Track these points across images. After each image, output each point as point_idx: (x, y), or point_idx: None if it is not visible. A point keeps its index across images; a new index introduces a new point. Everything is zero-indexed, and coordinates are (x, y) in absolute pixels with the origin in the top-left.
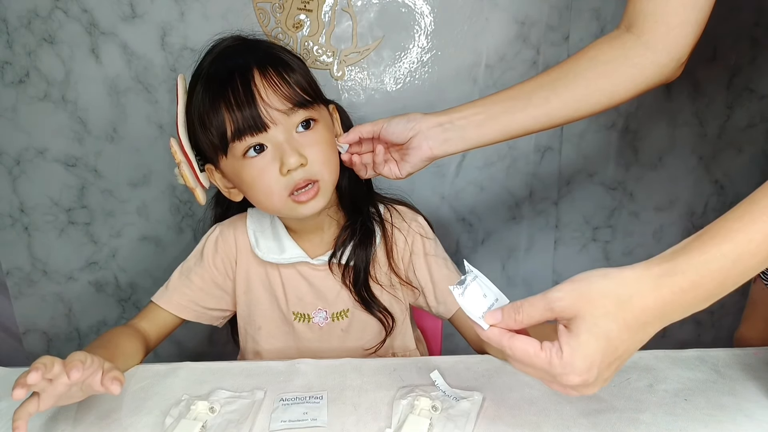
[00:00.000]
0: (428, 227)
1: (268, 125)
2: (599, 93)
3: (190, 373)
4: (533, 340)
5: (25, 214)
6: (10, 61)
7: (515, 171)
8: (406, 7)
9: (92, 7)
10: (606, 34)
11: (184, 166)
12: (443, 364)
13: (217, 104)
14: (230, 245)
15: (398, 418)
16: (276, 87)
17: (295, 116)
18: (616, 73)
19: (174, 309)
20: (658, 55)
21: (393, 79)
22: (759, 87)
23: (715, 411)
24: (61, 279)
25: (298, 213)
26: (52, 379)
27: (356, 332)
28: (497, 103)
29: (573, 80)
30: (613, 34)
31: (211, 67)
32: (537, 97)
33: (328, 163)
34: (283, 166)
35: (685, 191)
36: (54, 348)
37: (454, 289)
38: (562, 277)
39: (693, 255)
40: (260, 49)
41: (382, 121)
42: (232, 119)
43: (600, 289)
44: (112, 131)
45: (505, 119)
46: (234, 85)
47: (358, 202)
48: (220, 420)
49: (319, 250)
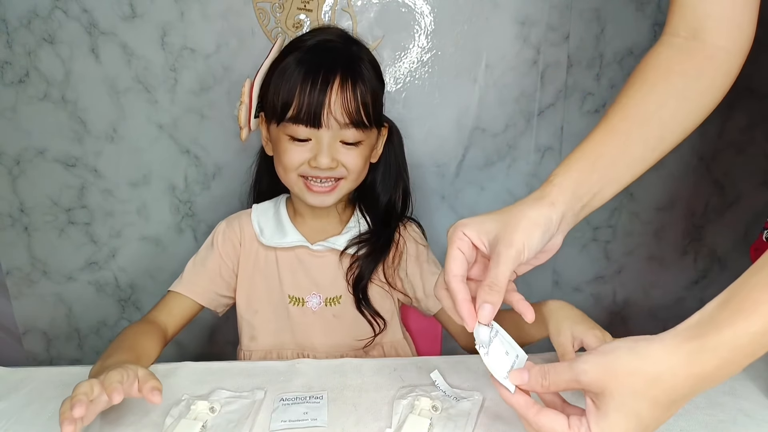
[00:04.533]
0: (422, 233)
1: (322, 125)
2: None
3: (190, 373)
4: (561, 416)
5: (25, 214)
6: (10, 61)
7: (515, 171)
8: (406, 7)
9: (92, 7)
10: (606, 34)
11: (244, 107)
12: (443, 364)
13: (295, 85)
14: (236, 234)
15: (398, 418)
16: (345, 99)
17: (346, 131)
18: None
19: (192, 294)
20: (729, 59)
21: (393, 79)
22: (759, 87)
23: (714, 411)
24: (61, 279)
25: (305, 197)
26: (92, 400)
27: (348, 319)
28: (600, 171)
29: (652, 118)
30: (672, 44)
31: (308, 49)
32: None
33: (356, 172)
34: (314, 160)
35: (685, 191)
36: (54, 348)
37: (480, 349)
38: (562, 278)
39: (723, 331)
40: (354, 55)
41: (508, 253)
42: (298, 105)
43: (628, 364)
44: (112, 131)
45: (619, 181)
46: (315, 80)
47: (391, 217)
48: (220, 420)
49: (319, 236)
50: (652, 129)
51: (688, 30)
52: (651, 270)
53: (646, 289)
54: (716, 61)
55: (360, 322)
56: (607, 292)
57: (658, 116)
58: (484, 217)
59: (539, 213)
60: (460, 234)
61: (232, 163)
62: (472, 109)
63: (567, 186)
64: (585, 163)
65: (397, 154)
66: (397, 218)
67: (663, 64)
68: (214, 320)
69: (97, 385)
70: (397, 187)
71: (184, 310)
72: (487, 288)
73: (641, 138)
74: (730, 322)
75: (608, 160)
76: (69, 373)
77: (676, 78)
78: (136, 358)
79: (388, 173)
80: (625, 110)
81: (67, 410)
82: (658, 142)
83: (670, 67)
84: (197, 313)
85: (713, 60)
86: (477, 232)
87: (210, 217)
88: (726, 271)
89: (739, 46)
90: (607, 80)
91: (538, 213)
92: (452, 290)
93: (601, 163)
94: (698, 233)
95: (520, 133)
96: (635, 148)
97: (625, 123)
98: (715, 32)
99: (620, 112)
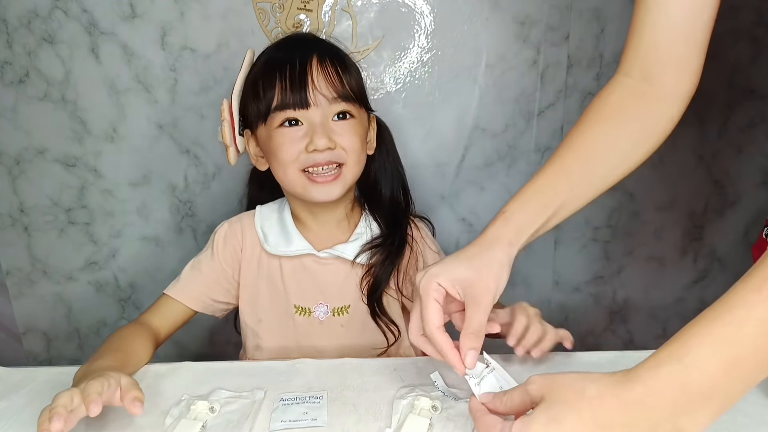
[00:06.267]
0: (432, 235)
1: (310, 104)
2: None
3: (190, 373)
4: (497, 418)
5: (24, 214)
6: (10, 61)
7: (515, 171)
8: (406, 7)
9: (92, 7)
10: (606, 34)
11: (227, 125)
12: (443, 364)
13: (273, 76)
14: (237, 239)
15: (398, 418)
16: (327, 76)
17: (335, 105)
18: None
19: (186, 300)
20: (675, 104)
21: (393, 79)
22: (759, 87)
23: None
24: (61, 279)
25: (310, 193)
26: (72, 410)
27: (355, 329)
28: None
29: (596, 157)
30: (625, 85)
31: (277, 48)
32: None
33: (355, 152)
34: (311, 143)
35: (685, 191)
36: (54, 348)
37: (470, 379)
38: (562, 278)
39: (647, 362)
40: (327, 45)
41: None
42: (281, 92)
43: (567, 378)
44: (112, 131)
45: (563, 216)
46: (293, 64)
47: (397, 214)
48: (220, 420)
49: (326, 243)
50: (599, 170)
51: (641, 72)
52: (651, 270)
53: (646, 289)
54: (664, 104)
55: (369, 332)
56: (607, 292)
57: (607, 159)
58: (453, 263)
59: (504, 254)
60: (435, 285)
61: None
62: (472, 109)
63: (521, 224)
64: (538, 202)
65: (390, 149)
66: (404, 214)
67: (615, 106)
68: (214, 320)
69: (77, 395)
70: (396, 181)
71: (177, 315)
72: (473, 336)
73: (588, 178)
74: (654, 356)
75: (559, 200)
76: (69, 373)
77: (627, 122)
78: (124, 360)
79: (385, 167)
80: (577, 150)
81: (45, 421)
82: (602, 181)
83: (622, 111)
84: (191, 318)
85: (661, 103)
86: (450, 281)
87: (210, 217)
88: (726, 270)
89: (686, 90)
90: (607, 80)
91: (503, 254)
92: (437, 342)
93: (552, 202)
94: (698, 233)
95: (520, 133)
96: (582, 188)
97: (576, 163)
98: (665, 77)
99: (573, 151)
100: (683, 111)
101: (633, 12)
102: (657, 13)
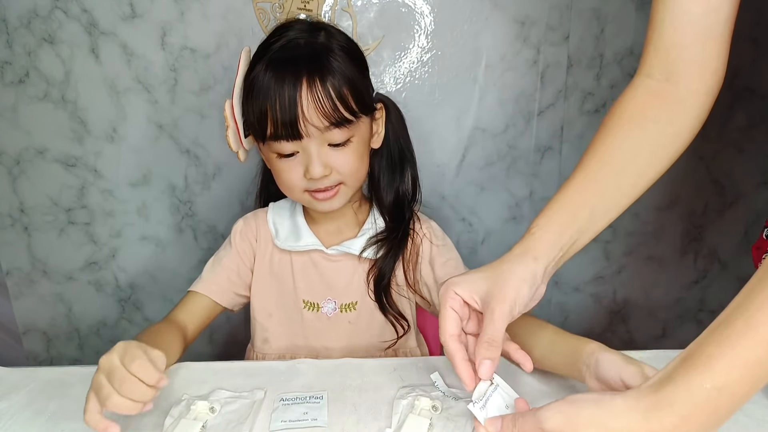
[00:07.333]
0: (440, 232)
1: (302, 137)
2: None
3: (190, 373)
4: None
5: (24, 214)
6: (10, 61)
7: (515, 171)
8: (406, 7)
9: (92, 7)
10: (606, 34)
11: (231, 130)
12: (443, 364)
13: (264, 104)
14: (252, 233)
15: (398, 418)
16: (318, 104)
17: (329, 134)
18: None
19: (212, 294)
20: (701, 103)
21: (393, 79)
22: (759, 87)
23: None
24: (61, 279)
25: (315, 206)
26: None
27: (363, 325)
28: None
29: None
30: (647, 86)
31: (272, 58)
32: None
33: (353, 174)
34: (307, 172)
35: (685, 191)
36: (54, 348)
37: (473, 405)
38: (562, 277)
39: (679, 386)
40: (320, 49)
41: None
42: (272, 124)
43: (588, 416)
44: (112, 131)
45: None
46: (282, 93)
47: (403, 208)
48: (220, 420)
49: (335, 240)
50: (627, 177)
51: (663, 72)
52: (651, 270)
53: (646, 289)
54: (687, 104)
55: (376, 328)
56: (607, 292)
57: (634, 165)
58: (474, 275)
59: (525, 269)
60: (452, 293)
61: (232, 163)
62: (472, 109)
63: (548, 239)
64: (565, 216)
65: (399, 133)
66: (410, 206)
67: (638, 109)
68: (215, 320)
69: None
70: (404, 169)
71: (203, 309)
72: (486, 344)
73: (617, 186)
74: (686, 376)
75: (587, 211)
76: (69, 373)
77: (651, 125)
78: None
79: (392, 157)
80: (602, 159)
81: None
82: (632, 189)
83: (645, 113)
84: (217, 314)
85: (684, 103)
86: (468, 291)
87: (210, 217)
88: (726, 271)
89: (710, 88)
90: (607, 80)
91: (524, 269)
92: (450, 351)
93: (580, 214)
94: (698, 233)
95: (520, 133)
96: (611, 197)
97: (602, 172)
98: (688, 76)
99: (597, 160)
100: (709, 110)
101: (651, 11)
102: (676, 11)
